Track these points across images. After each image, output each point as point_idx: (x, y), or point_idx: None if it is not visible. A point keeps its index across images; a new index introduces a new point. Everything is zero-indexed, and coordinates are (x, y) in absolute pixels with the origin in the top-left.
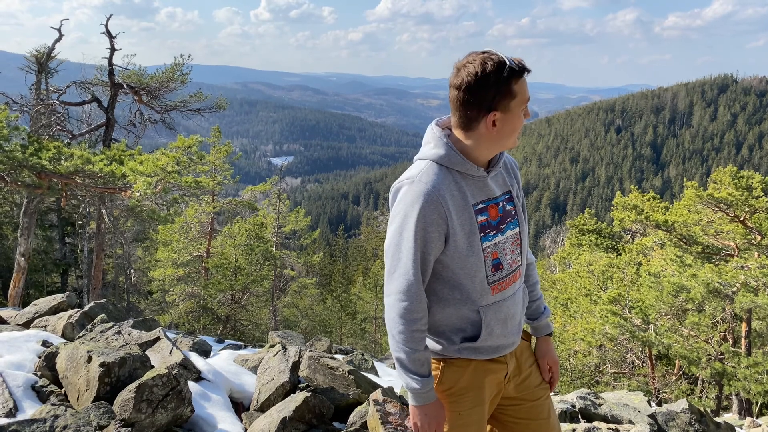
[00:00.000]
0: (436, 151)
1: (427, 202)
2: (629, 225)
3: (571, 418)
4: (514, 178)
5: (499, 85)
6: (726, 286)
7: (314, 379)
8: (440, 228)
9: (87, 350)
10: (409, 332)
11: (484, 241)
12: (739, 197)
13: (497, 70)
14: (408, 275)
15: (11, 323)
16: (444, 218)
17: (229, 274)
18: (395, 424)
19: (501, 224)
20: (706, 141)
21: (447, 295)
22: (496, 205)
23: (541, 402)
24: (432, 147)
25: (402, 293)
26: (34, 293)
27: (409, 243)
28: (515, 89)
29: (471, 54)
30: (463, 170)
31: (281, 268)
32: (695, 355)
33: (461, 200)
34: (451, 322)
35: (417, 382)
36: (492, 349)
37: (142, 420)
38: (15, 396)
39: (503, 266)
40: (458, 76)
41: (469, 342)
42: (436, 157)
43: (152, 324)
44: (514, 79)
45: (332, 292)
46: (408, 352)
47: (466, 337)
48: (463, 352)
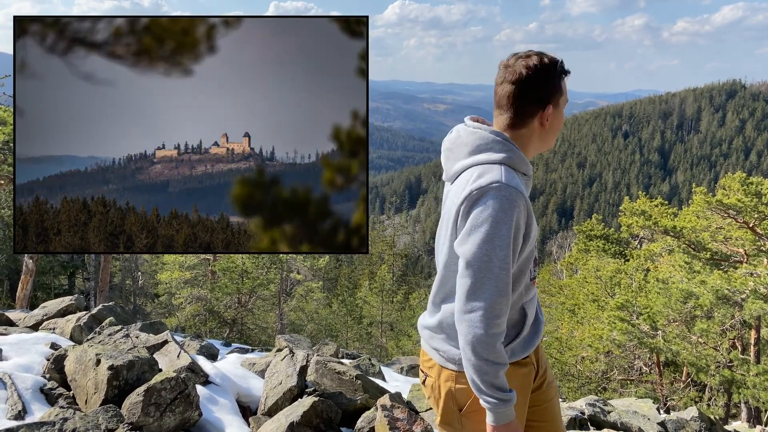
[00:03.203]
0: (508, 155)
1: (518, 208)
2: (637, 231)
3: (581, 426)
4: None
5: (555, 79)
6: (735, 293)
7: (321, 384)
8: (521, 232)
9: (95, 353)
10: (498, 348)
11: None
12: (749, 203)
13: (554, 64)
14: (501, 289)
15: (20, 325)
16: (526, 221)
17: (236, 278)
18: (403, 429)
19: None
20: (714, 147)
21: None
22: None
23: (552, 403)
24: (499, 150)
25: (494, 308)
26: (42, 295)
27: (502, 253)
28: (563, 86)
29: (517, 54)
30: (526, 172)
31: (287, 272)
32: (704, 362)
33: (530, 204)
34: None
35: (506, 398)
36: (525, 344)
37: (150, 423)
38: (24, 398)
39: (537, 261)
40: (512, 71)
41: (512, 344)
42: (506, 159)
43: (160, 327)
44: (565, 75)
45: (338, 296)
46: (497, 368)
47: (509, 342)
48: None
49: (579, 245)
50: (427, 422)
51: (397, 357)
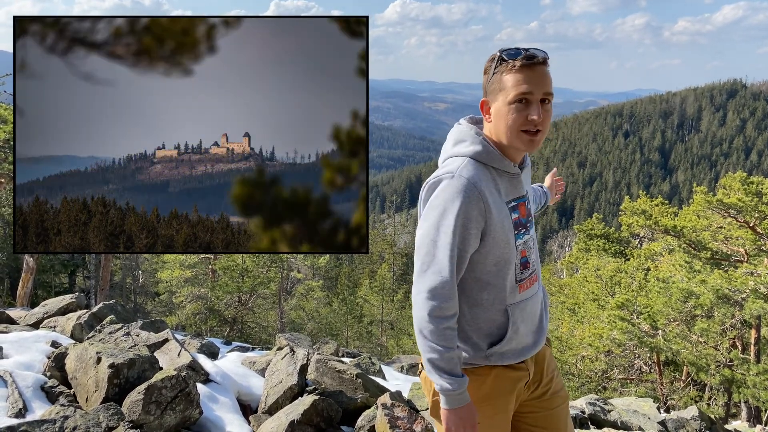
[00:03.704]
0: (474, 148)
1: (468, 198)
2: (637, 230)
3: (581, 425)
4: (530, 180)
5: (491, 72)
6: (735, 293)
7: (322, 383)
8: (479, 225)
9: (96, 351)
10: (441, 330)
11: (517, 238)
12: (749, 203)
13: (491, 59)
14: (443, 272)
15: (21, 323)
16: (483, 215)
17: (237, 276)
18: (403, 428)
19: (528, 223)
20: (715, 146)
21: (477, 295)
22: (524, 204)
23: (558, 410)
24: (468, 144)
25: (435, 291)
26: (43, 293)
27: (446, 239)
28: (505, 80)
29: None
30: (500, 167)
31: (288, 271)
32: (704, 361)
33: (498, 197)
34: (478, 327)
35: (451, 383)
36: (516, 352)
37: (150, 422)
38: (24, 396)
39: (529, 264)
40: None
41: (496, 345)
42: (473, 153)
43: (160, 325)
44: (505, 68)
45: (338, 295)
46: (441, 351)
47: (492, 342)
48: (491, 359)
49: (579, 244)
50: (427, 421)
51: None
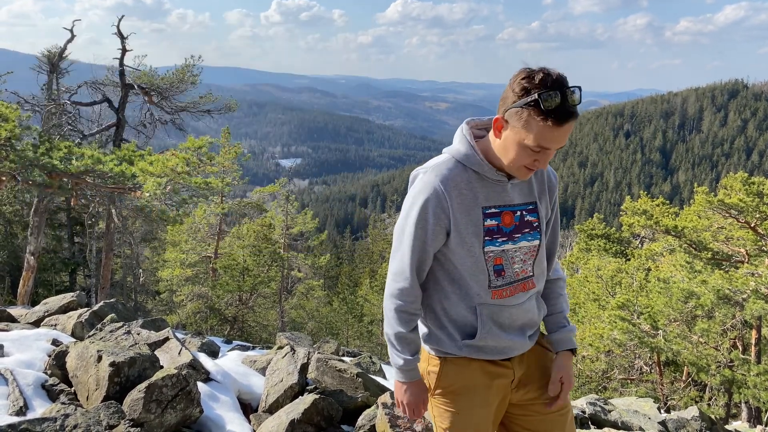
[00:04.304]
0: (458, 148)
1: (432, 195)
2: (638, 230)
3: (582, 425)
4: (548, 191)
5: (518, 100)
6: (736, 293)
7: (322, 382)
8: (441, 222)
9: (97, 349)
10: (397, 312)
11: (489, 245)
12: (750, 203)
13: (523, 88)
14: (404, 259)
15: (21, 322)
16: (446, 213)
17: (237, 275)
18: (404, 427)
19: (515, 233)
20: (716, 146)
21: (447, 288)
22: (512, 213)
23: (554, 417)
24: (456, 144)
25: (397, 275)
26: (43, 292)
27: (410, 229)
28: (531, 123)
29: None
30: (480, 171)
31: (288, 270)
32: (704, 362)
33: (470, 200)
34: (451, 317)
35: (399, 359)
36: (496, 349)
37: (151, 420)
38: (25, 394)
39: (506, 273)
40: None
41: (470, 339)
42: (456, 153)
43: (161, 324)
44: (537, 113)
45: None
46: (395, 330)
47: (467, 334)
48: (464, 350)
49: (580, 244)
50: (428, 420)
51: None
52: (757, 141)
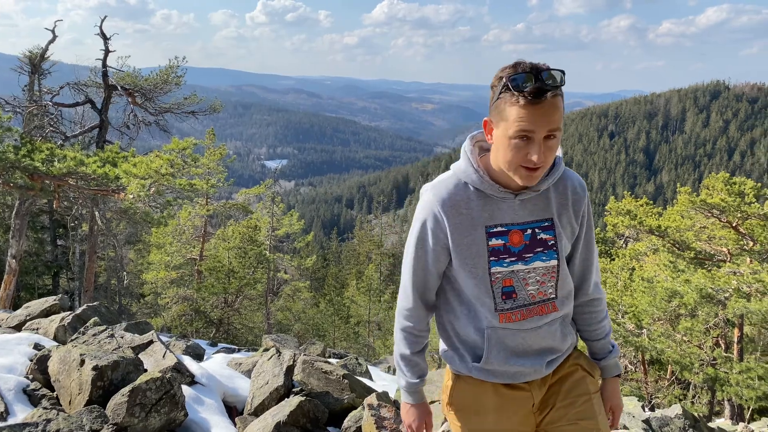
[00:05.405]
0: (459, 164)
1: (429, 215)
2: (622, 230)
3: None
4: (572, 205)
5: (495, 93)
6: (719, 292)
7: (308, 383)
8: (440, 242)
9: (80, 353)
10: (403, 332)
11: (495, 266)
12: (732, 203)
13: (497, 77)
14: (405, 278)
15: (2, 326)
16: (445, 232)
17: (223, 277)
18: (390, 428)
19: (526, 252)
20: (699, 147)
21: (456, 309)
22: (521, 232)
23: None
24: (460, 160)
25: (401, 293)
26: (25, 296)
27: (411, 249)
28: (507, 111)
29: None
30: (481, 189)
31: (275, 272)
32: (688, 360)
33: (470, 220)
34: (461, 338)
35: (403, 380)
36: (506, 374)
37: (135, 424)
38: (6, 399)
39: (517, 296)
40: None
41: (479, 362)
42: (457, 169)
43: (145, 327)
44: (509, 98)
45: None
46: (400, 351)
47: (476, 356)
48: (474, 372)
49: None
50: None
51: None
52: (738, 141)
